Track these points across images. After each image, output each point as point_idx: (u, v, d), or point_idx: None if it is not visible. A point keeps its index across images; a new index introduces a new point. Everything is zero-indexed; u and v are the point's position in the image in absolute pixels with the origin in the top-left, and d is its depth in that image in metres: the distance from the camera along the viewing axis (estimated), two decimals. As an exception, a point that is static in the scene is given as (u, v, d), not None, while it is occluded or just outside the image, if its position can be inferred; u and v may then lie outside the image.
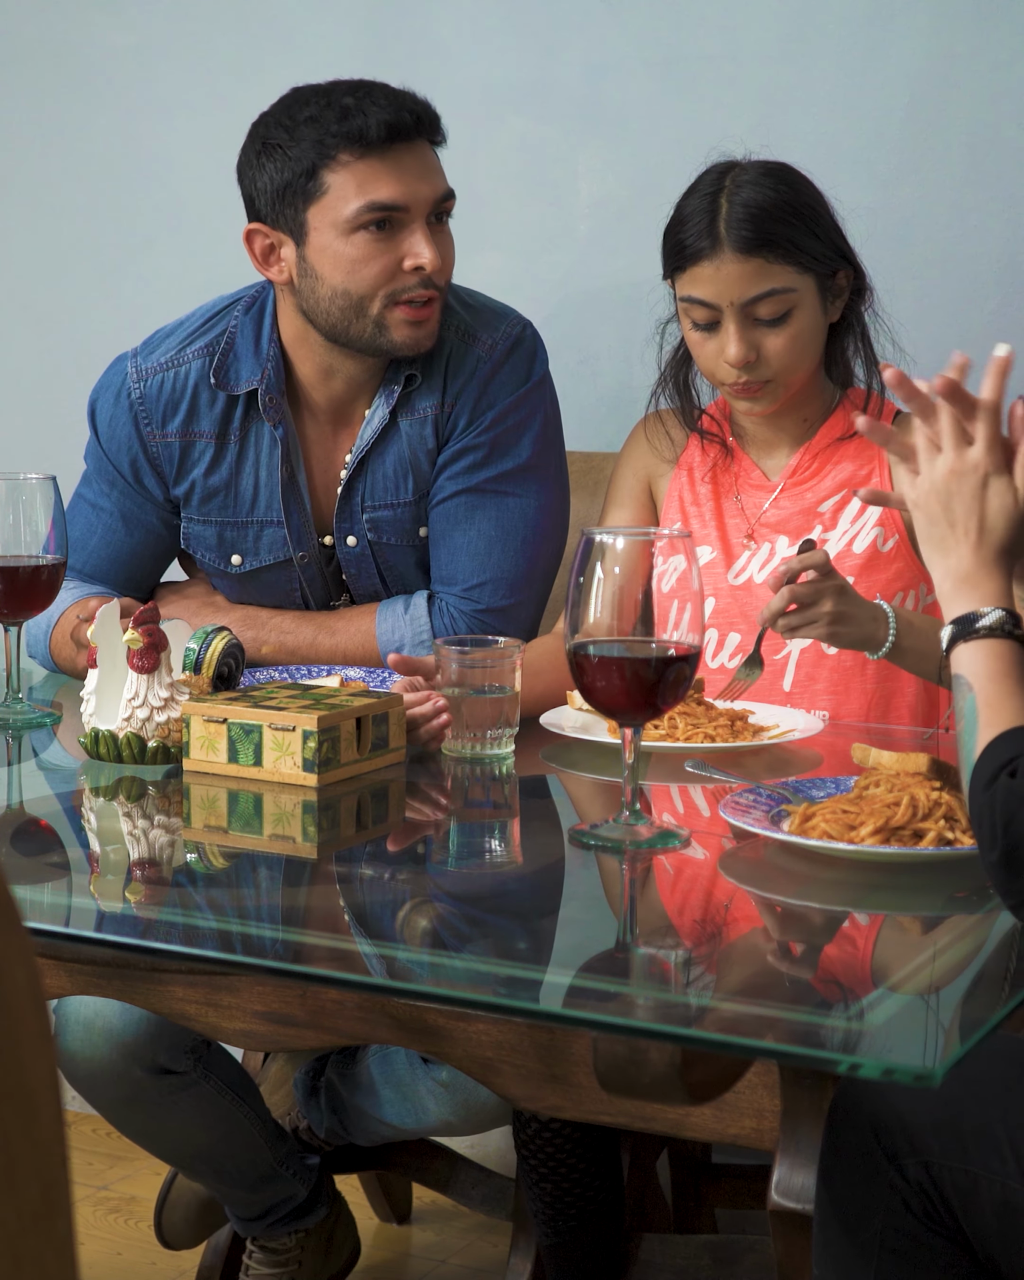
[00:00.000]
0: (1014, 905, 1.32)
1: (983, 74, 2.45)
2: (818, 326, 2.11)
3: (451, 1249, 2.59)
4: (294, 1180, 2.21)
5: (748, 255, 2.03)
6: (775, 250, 2.03)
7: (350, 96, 2.05)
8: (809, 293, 2.07)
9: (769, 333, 2.06)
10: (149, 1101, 2.04)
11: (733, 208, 2.04)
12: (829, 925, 1.45)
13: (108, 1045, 1.98)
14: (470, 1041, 1.47)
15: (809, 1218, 1.37)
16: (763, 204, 2.04)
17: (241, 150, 2.12)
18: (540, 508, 2.19)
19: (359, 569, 2.23)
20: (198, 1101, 2.06)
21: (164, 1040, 2.00)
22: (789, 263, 2.04)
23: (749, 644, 2.10)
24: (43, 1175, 0.75)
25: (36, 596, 1.99)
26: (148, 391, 2.20)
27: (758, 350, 2.07)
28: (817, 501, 2.14)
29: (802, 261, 2.05)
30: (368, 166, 2.04)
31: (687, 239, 2.06)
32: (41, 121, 2.99)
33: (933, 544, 1.46)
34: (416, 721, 1.84)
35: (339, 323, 2.10)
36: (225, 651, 1.85)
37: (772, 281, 2.04)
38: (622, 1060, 1.27)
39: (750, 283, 2.04)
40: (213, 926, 1.43)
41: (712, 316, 2.07)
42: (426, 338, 2.11)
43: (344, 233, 2.05)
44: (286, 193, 2.07)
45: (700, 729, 1.87)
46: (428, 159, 2.08)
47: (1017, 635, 1.41)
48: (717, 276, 2.05)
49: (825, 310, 2.11)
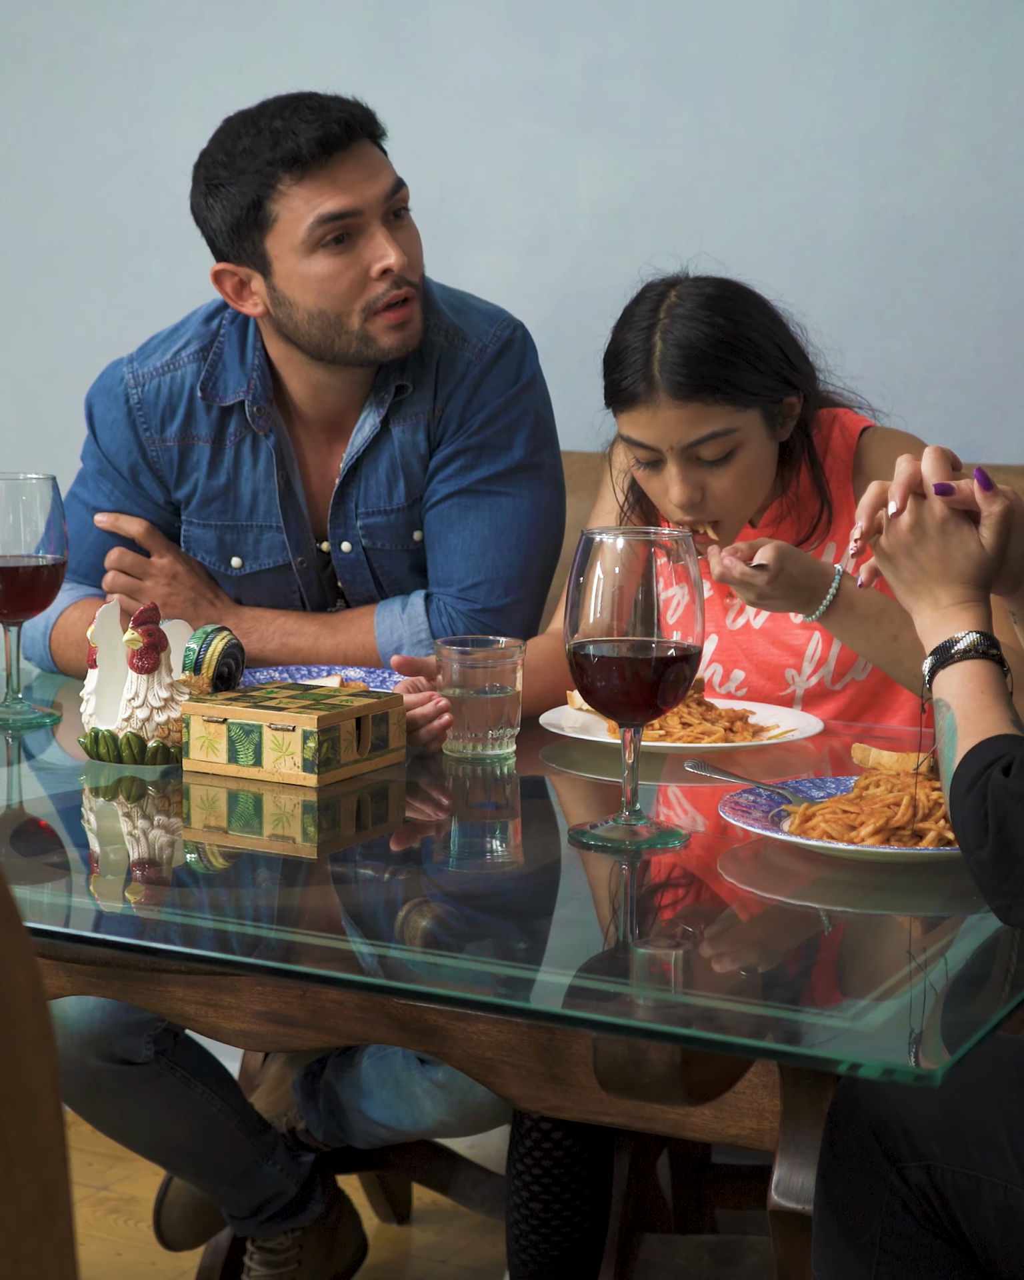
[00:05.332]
0: (1001, 907, 1.32)
1: (983, 74, 2.45)
2: (766, 457, 2.01)
3: (451, 1249, 2.59)
4: (282, 1176, 2.21)
5: (684, 401, 1.93)
6: (714, 394, 1.93)
7: (278, 118, 2.04)
8: (753, 427, 1.98)
9: (713, 473, 1.97)
10: (112, 1093, 2.04)
11: (667, 349, 1.93)
12: (829, 925, 1.45)
13: (62, 1036, 1.98)
14: (470, 1042, 1.47)
15: (809, 1218, 1.37)
16: (697, 343, 1.93)
17: (191, 192, 2.12)
18: (534, 507, 2.19)
19: (354, 574, 2.24)
20: (164, 1093, 2.06)
21: (120, 1031, 2.00)
22: (728, 403, 1.94)
23: (755, 681, 2.09)
24: (43, 1175, 0.75)
25: (36, 596, 1.99)
26: (145, 396, 2.21)
27: (703, 490, 1.98)
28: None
29: (740, 400, 1.95)
30: (309, 186, 2.03)
31: (623, 381, 1.97)
32: (41, 121, 2.99)
33: (906, 590, 1.52)
34: (418, 722, 1.84)
35: (322, 342, 2.10)
36: (225, 651, 1.85)
37: (711, 424, 1.94)
38: (622, 1060, 1.27)
39: (689, 427, 1.94)
40: (212, 926, 1.43)
41: (653, 457, 1.98)
42: (412, 336, 2.10)
43: (304, 254, 2.05)
44: (241, 228, 2.07)
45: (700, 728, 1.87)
46: (368, 160, 2.06)
47: (992, 655, 1.44)
48: (654, 422, 1.95)
49: (773, 437, 2.02)
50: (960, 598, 1.48)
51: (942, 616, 1.48)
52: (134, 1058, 2.03)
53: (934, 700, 1.45)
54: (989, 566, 1.49)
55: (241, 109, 2.09)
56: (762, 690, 2.10)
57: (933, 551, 1.49)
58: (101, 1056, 2.01)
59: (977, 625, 1.47)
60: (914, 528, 1.50)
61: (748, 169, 2.60)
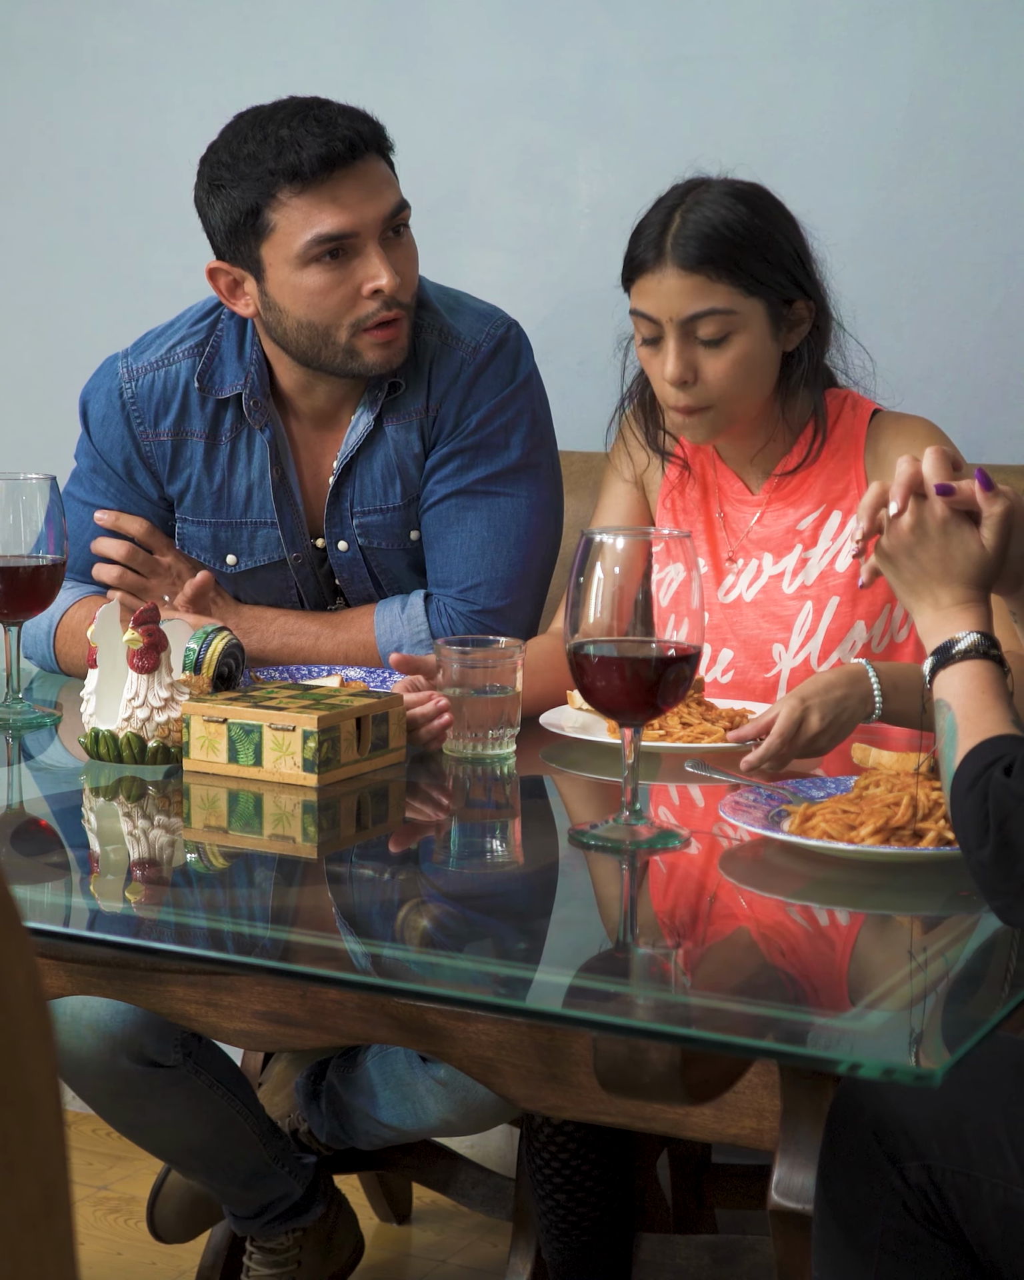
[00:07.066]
0: (1001, 906, 1.32)
1: (983, 74, 2.45)
2: (765, 354, 2.03)
3: (451, 1249, 2.59)
4: (289, 1178, 2.21)
5: (689, 271, 1.97)
6: (718, 269, 1.97)
7: (286, 127, 2.03)
8: (755, 318, 2.00)
9: (709, 354, 2.00)
10: (138, 1095, 2.04)
11: (684, 223, 1.99)
12: (829, 925, 1.45)
13: (95, 1037, 1.98)
14: (470, 1041, 1.47)
15: (809, 1218, 1.37)
16: (714, 222, 1.98)
17: (195, 185, 2.11)
18: (533, 507, 2.18)
19: (352, 573, 2.24)
20: (188, 1096, 2.06)
21: (152, 1033, 2.00)
22: (732, 284, 1.98)
23: (741, 662, 2.09)
24: (43, 1175, 0.75)
25: (36, 596, 1.99)
26: (139, 391, 2.21)
27: (696, 372, 2.01)
28: (797, 519, 2.11)
29: (745, 284, 1.98)
30: (308, 201, 2.03)
31: (637, 251, 2.02)
32: (41, 121, 2.99)
33: (907, 590, 1.52)
34: (418, 721, 1.84)
35: (308, 350, 2.10)
36: (225, 651, 1.85)
37: (711, 300, 1.98)
38: (622, 1060, 1.27)
39: (689, 299, 1.98)
40: (212, 926, 1.43)
41: (655, 331, 2.01)
42: (397, 354, 2.11)
43: (298, 267, 2.05)
44: (238, 231, 2.07)
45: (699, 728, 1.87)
46: (370, 179, 2.05)
47: (992, 655, 1.45)
48: (658, 290, 1.99)
49: (777, 338, 2.04)
50: (961, 598, 1.49)
51: (942, 617, 1.49)
52: (163, 1060, 2.03)
53: (936, 700, 1.45)
54: (990, 567, 1.49)
55: (255, 105, 2.08)
56: (747, 673, 2.10)
57: (934, 552, 1.49)
58: (132, 1058, 2.01)
59: (977, 625, 1.47)
60: (915, 528, 1.50)
61: (748, 169, 2.60)
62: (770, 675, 2.10)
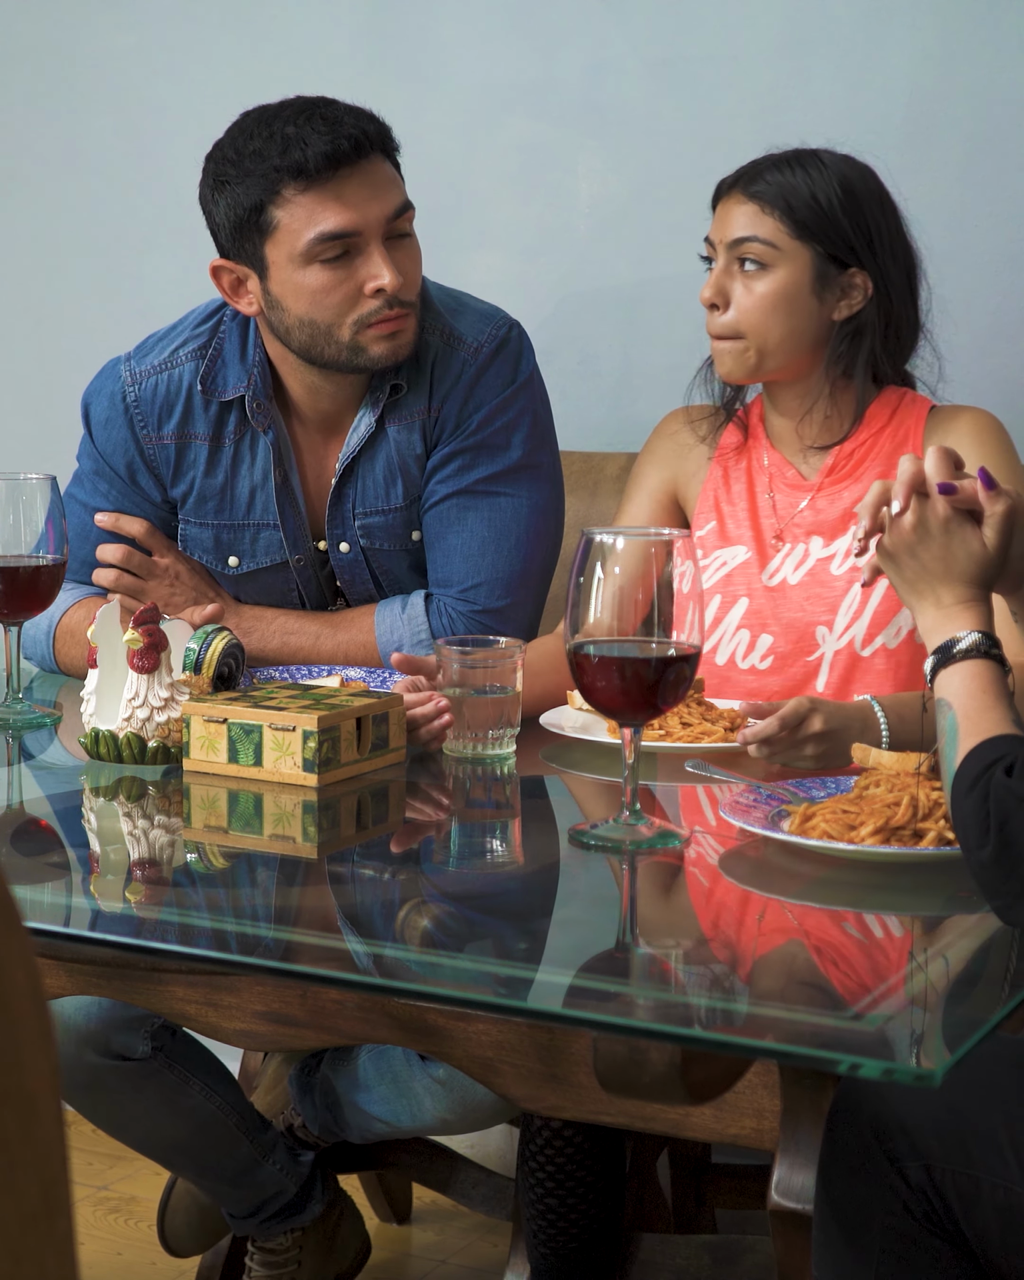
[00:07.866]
0: (1001, 907, 1.32)
1: (983, 74, 2.45)
2: (801, 300, 2.07)
3: (451, 1249, 2.59)
4: (281, 1175, 2.21)
5: (747, 198, 2.05)
6: (773, 205, 2.04)
7: (292, 125, 2.03)
8: (799, 262, 2.05)
9: (746, 281, 2.06)
10: (109, 1089, 2.04)
11: (768, 164, 2.07)
12: (829, 925, 1.45)
13: (59, 1032, 1.98)
14: (470, 1041, 1.47)
15: (809, 1218, 1.37)
16: (795, 168, 2.05)
17: (200, 183, 2.11)
18: (533, 507, 2.18)
19: (353, 574, 2.24)
20: (161, 1090, 2.06)
21: (116, 1026, 2.00)
22: (782, 220, 2.04)
23: (782, 646, 2.09)
24: (43, 1175, 0.75)
25: (36, 596, 1.99)
26: (142, 394, 2.21)
27: (729, 297, 2.07)
28: (853, 501, 2.11)
29: (794, 225, 2.04)
30: (313, 198, 2.03)
31: (724, 181, 2.10)
32: (41, 121, 2.99)
33: (908, 589, 1.52)
34: (418, 721, 1.84)
35: (311, 348, 2.10)
36: (225, 651, 1.85)
37: (758, 229, 2.04)
38: (622, 1060, 1.27)
39: (739, 224, 2.05)
40: (212, 926, 1.43)
41: (713, 254, 2.09)
42: (404, 346, 2.11)
43: (300, 265, 2.05)
44: (242, 228, 2.07)
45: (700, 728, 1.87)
46: (375, 178, 2.06)
47: (993, 655, 1.45)
48: (720, 216, 2.09)
49: (819, 295, 2.07)
50: (962, 597, 1.49)
51: (944, 616, 1.49)
52: (131, 1053, 2.03)
53: (937, 700, 1.45)
54: (991, 566, 1.49)
55: (261, 104, 2.08)
56: (788, 657, 2.08)
57: (935, 551, 1.49)
58: (99, 1052, 2.01)
59: (978, 625, 1.47)
60: (917, 527, 1.50)
61: (748, 169, 2.60)
62: (812, 658, 2.08)
